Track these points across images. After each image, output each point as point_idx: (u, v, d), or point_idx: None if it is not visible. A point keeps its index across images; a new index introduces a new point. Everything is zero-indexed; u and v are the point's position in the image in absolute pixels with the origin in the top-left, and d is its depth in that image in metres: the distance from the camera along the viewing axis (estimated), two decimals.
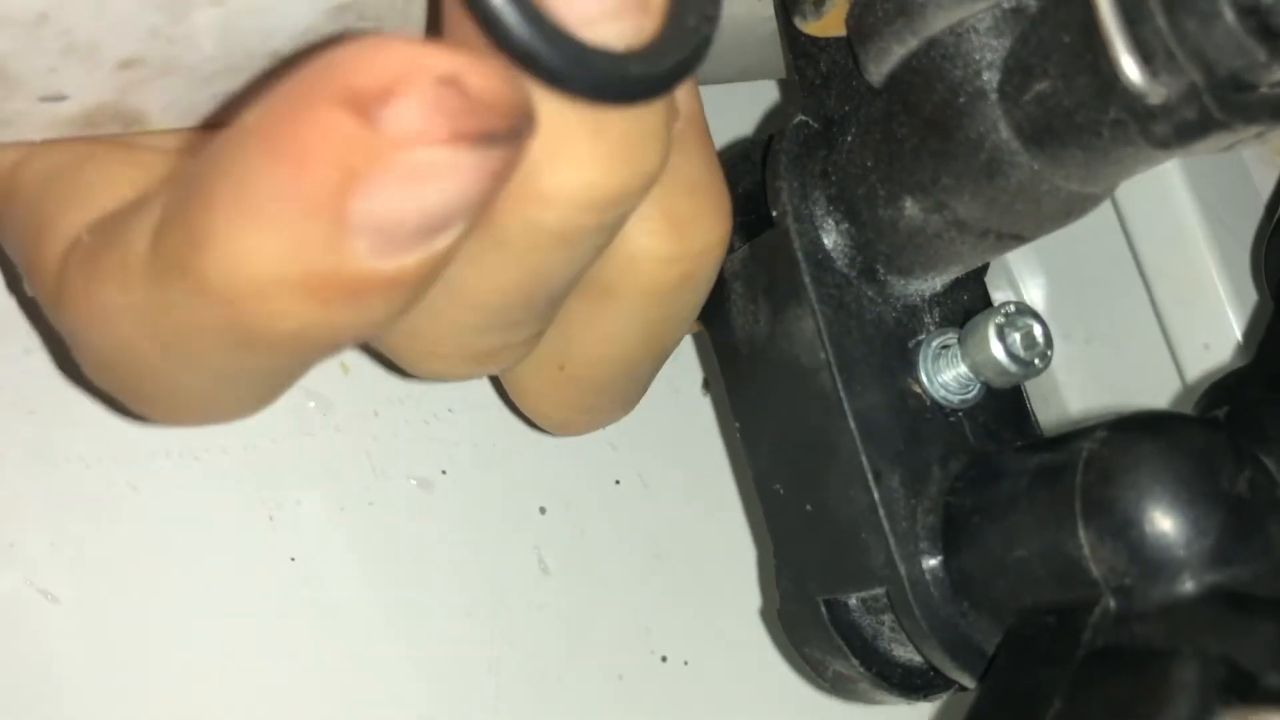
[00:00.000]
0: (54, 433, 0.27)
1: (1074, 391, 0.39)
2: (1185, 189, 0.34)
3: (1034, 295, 0.40)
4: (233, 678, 0.28)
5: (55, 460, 0.27)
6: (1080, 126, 0.18)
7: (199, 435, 0.29)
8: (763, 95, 0.35)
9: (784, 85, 0.35)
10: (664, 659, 0.33)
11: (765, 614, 0.34)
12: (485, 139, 0.15)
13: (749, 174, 0.25)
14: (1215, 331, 0.35)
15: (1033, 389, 0.40)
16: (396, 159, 0.14)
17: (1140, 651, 0.18)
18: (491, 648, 0.31)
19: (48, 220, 0.20)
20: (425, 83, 0.14)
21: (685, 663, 0.34)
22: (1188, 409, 0.35)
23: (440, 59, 0.14)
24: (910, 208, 0.21)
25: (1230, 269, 0.35)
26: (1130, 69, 0.17)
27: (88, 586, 0.27)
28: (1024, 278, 0.40)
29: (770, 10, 0.25)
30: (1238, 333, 0.34)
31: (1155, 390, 0.37)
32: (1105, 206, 0.37)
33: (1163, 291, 0.35)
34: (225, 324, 0.17)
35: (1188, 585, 0.18)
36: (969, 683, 0.22)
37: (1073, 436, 0.20)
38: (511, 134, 0.15)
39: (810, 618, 0.23)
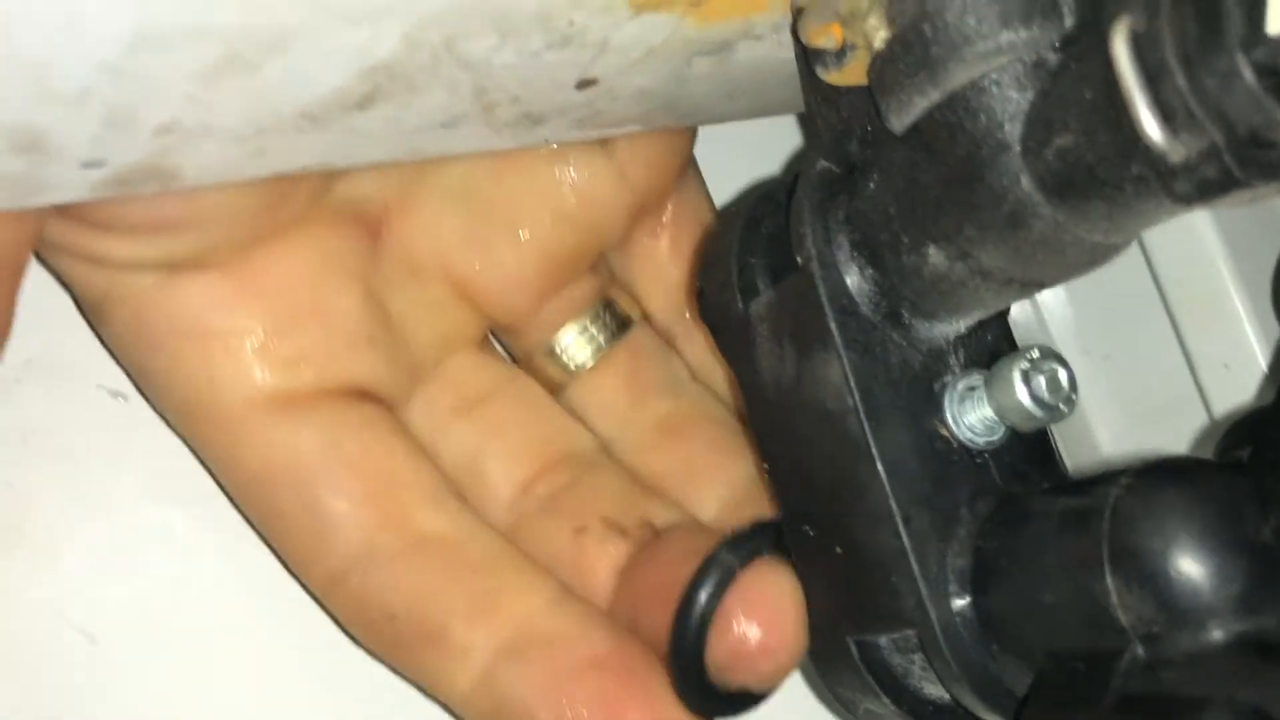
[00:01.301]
0: None
1: (1094, 409, 0.40)
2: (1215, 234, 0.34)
3: (1053, 311, 0.40)
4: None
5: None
6: (1102, 181, 0.18)
7: None
8: (787, 131, 0.35)
9: (805, 120, 0.35)
10: None
11: None
12: None
13: (773, 215, 0.25)
14: (1235, 350, 0.35)
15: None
16: None
17: (1171, 699, 0.18)
18: None
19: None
20: None
21: None
22: (1205, 431, 0.36)
23: None
24: (934, 256, 0.21)
25: (1248, 286, 0.35)
26: (1151, 127, 0.17)
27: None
28: (1043, 294, 0.40)
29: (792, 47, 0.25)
30: (1257, 350, 0.34)
31: (1174, 407, 0.37)
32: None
33: (1181, 309, 0.36)
34: None
35: (1216, 634, 0.18)
36: None
37: (1098, 481, 0.20)
38: None
39: (841, 657, 0.24)
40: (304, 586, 0.27)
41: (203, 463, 0.27)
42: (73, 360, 0.28)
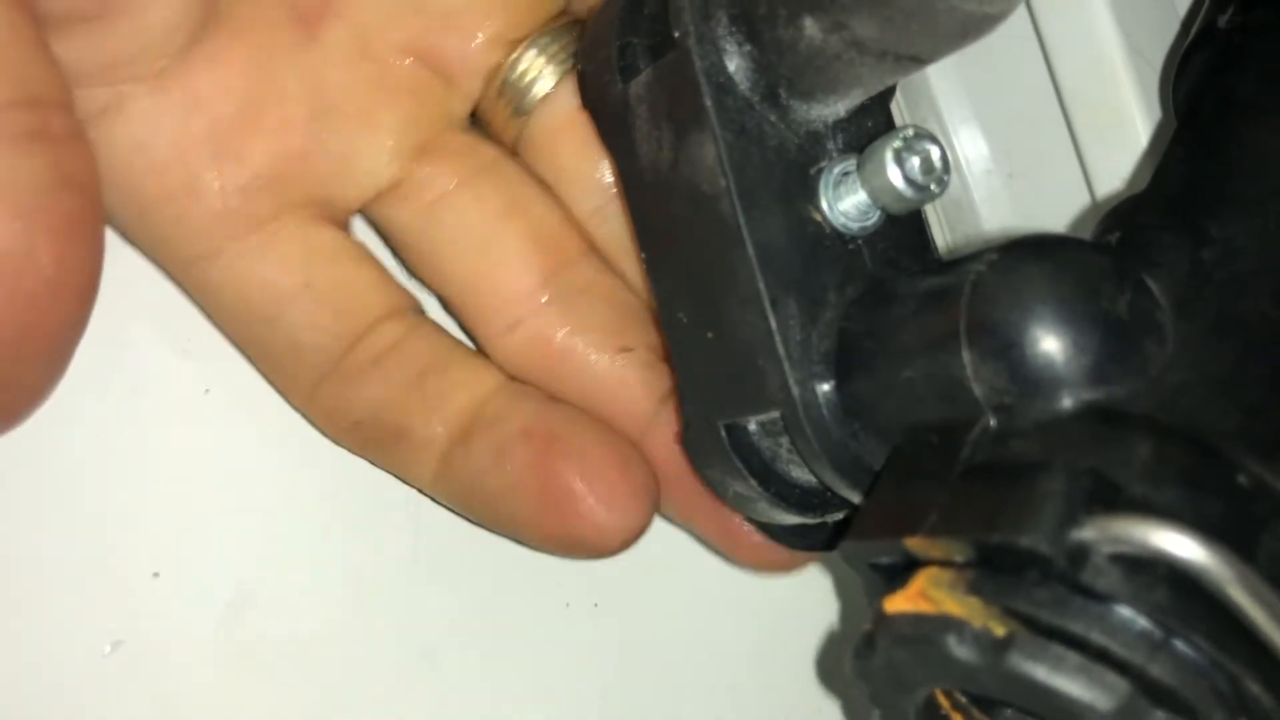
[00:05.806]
0: None
1: (996, 229, 0.40)
2: (1109, 20, 0.34)
3: (959, 130, 0.40)
4: (149, 512, 0.28)
5: None
6: None
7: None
8: None
9: None
10: None
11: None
12: None
13: None
14: (1135, 169, 0.35)
15: (956, 225, 0.41)
16: None
17: (1014, 466, 0.18)
18: (412, 495, 0.31)
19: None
20: None
21: None
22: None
23: None
24: (810, 27, 0.21)
25: (1152, 108, 0.35)
26: None
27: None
28: (950, 112, 0.40)
29: None
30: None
31: (1075, 229, 0.37)
32: (1031, 43, 0.36)
33: (1082, 126, 0.35)
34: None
35: (1064, 402, 0.19)
36: (860, 501, 0.22)
37: (964, 260, 0.20)
38: None
39: (711, 442, 0.24)
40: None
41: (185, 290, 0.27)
42: None
